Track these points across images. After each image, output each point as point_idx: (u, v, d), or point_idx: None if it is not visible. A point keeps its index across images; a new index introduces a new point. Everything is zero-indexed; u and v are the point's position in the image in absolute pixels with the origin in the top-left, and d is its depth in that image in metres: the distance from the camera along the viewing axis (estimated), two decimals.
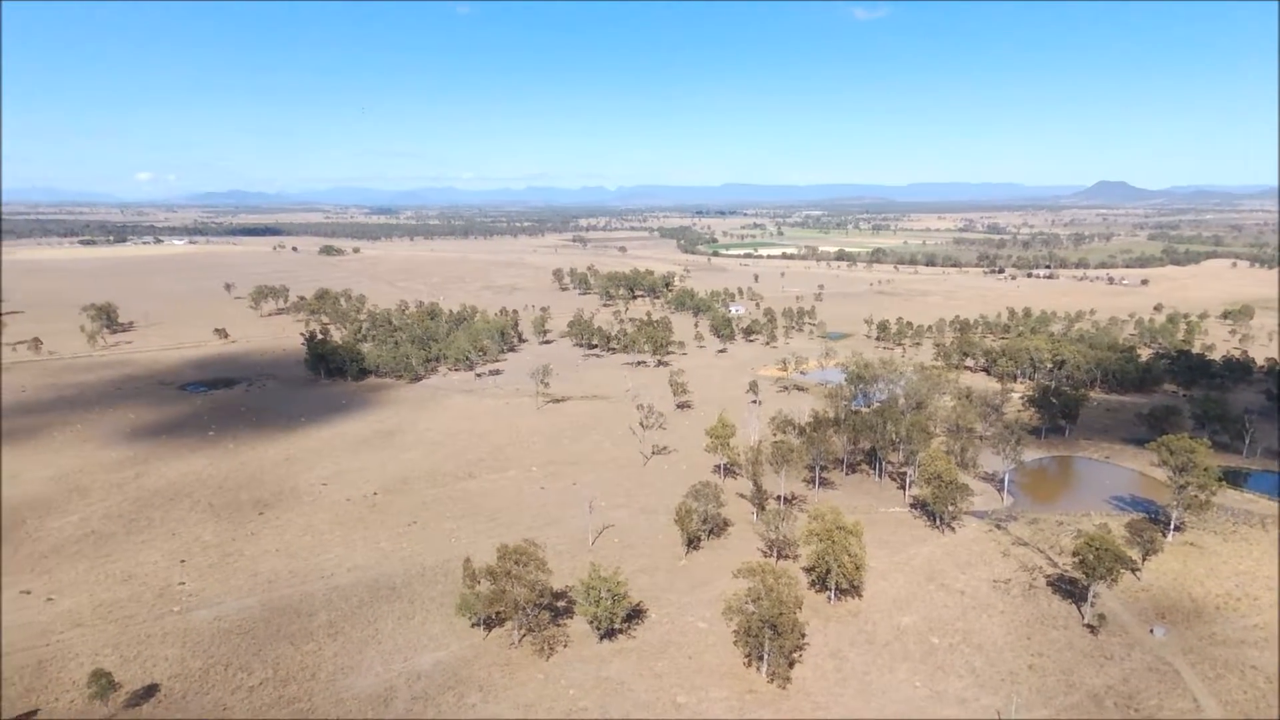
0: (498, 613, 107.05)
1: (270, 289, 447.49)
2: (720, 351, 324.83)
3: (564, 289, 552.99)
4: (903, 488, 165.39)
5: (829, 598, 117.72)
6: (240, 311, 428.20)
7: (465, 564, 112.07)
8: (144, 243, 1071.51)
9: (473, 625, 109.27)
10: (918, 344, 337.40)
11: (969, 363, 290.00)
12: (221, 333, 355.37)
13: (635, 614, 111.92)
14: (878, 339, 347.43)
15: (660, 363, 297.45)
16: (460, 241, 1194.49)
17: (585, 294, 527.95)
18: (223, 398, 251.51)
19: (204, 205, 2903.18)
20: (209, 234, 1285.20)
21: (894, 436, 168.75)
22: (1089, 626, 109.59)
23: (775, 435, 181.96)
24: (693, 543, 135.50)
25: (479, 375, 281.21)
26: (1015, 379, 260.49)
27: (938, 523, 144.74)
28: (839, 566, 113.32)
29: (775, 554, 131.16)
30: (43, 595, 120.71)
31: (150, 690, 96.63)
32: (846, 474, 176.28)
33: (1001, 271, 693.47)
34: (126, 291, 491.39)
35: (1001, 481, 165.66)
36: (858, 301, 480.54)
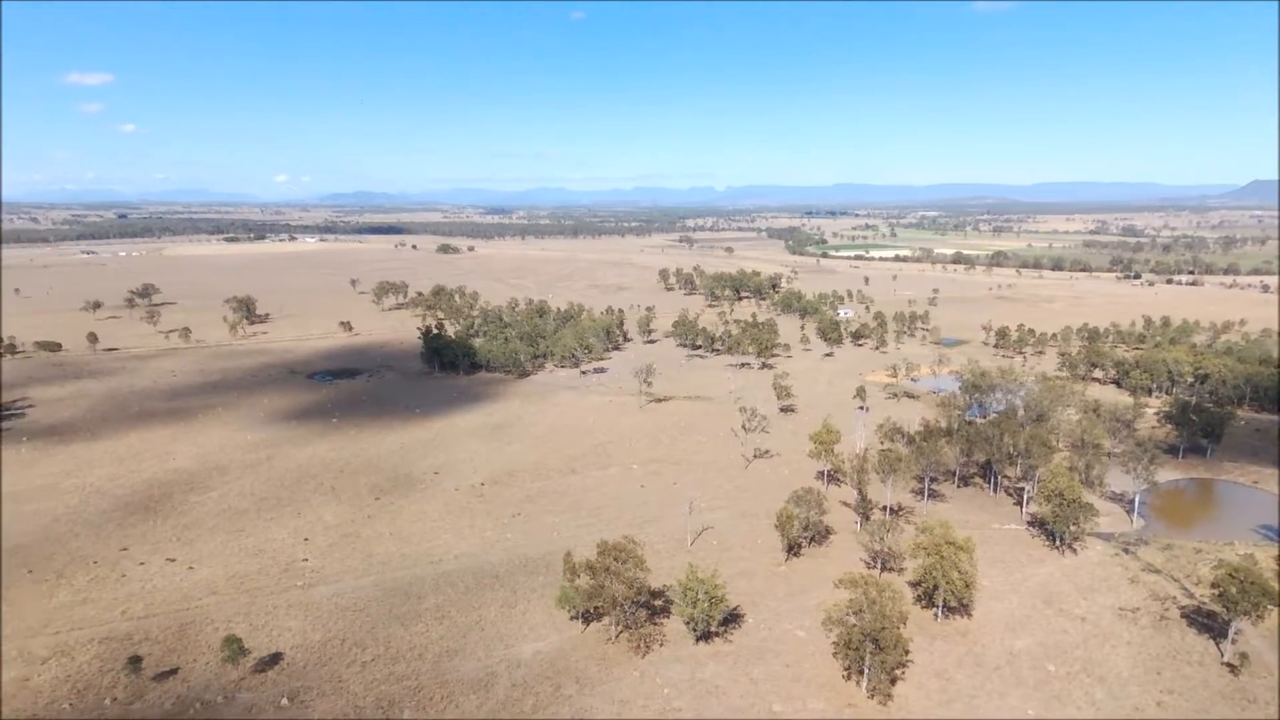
0: (596, 607, 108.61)
1: (391, 285, 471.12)
2: (827, 355, 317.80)
3: (669, 289, 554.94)
4: (1020, 504, 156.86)
5: (936, 615, 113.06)
6: (363, 306, 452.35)
7: (566, 558, 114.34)
8: (280, 240, 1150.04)
9: (571, 618, 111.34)
10: (1040, 353, 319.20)
11: (1098, 374, 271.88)
12: (346, 325, 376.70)
13: (732, 618, 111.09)
14: (996, 346, 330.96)
15: (764, 365, 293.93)
16: (569, 241, 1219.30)
17: (690, 294, 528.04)
18: (345, 387, 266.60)
19: (333, 205, 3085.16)
20: (337, 232, 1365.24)
21: (1011, 449, 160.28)
22: (1229, 665, 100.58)
23: (882, 443, 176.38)
24: (793, 549, 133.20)
25: (584, 373, 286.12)
26: (1150, 393, 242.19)
27: (1057, 543, 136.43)
28: (947, 583, 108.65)
29: (879, 566, 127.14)
30: (184, 564, 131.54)
31: (275, 658, 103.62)
32: (958, 487, 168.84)
33: (1137, 277, 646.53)
34: (264, 285, 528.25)
35: (1131, 503, 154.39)
36: (975, 307, 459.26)
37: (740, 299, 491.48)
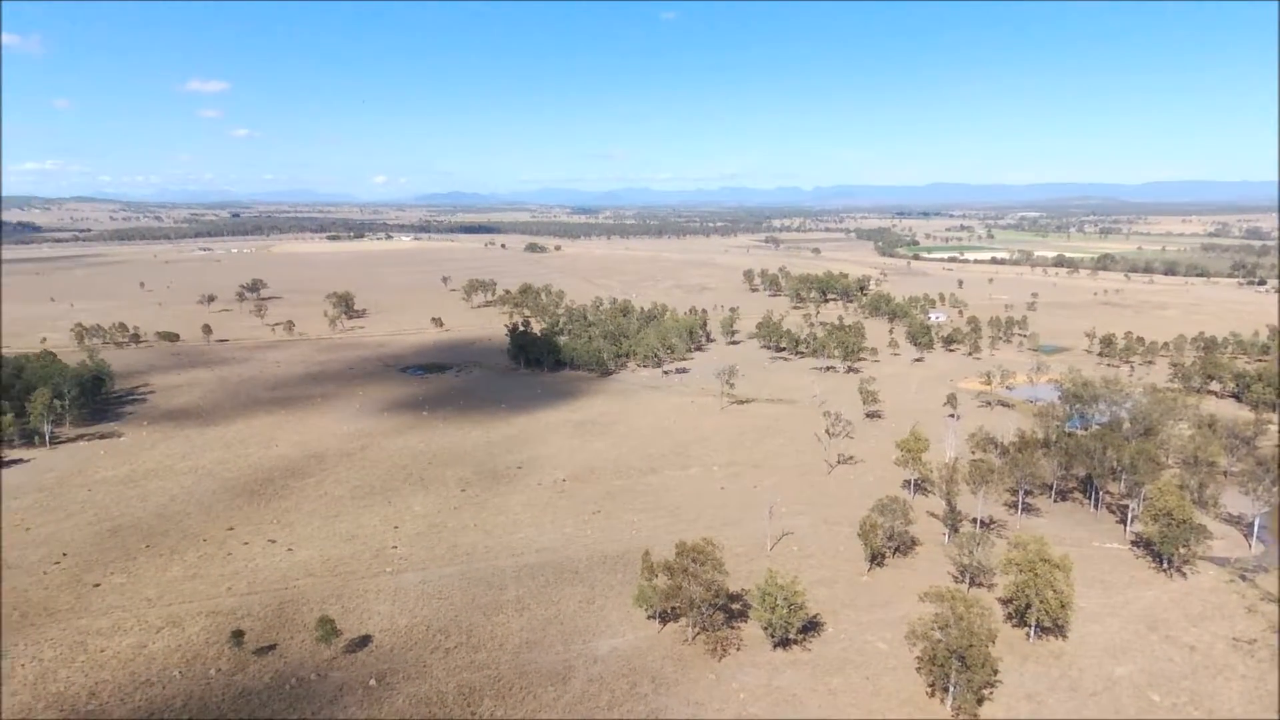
0: (673, 608, 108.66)
1: (480, 282, 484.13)
2: (916, 360, 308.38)
3: (754, 290, 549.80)
4: (1123, 522, 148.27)
5: (1028, 635, 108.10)
6: (454, 302, 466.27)
7: (644, 556, 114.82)
8: (377, 239, 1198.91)
9: (649, 617, 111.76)
10: (1149, 362, 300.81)
11: (1214, 387, 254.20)
12: (437, 321, 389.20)
13: (811, 626, 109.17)
14: (1100, 355, 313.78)
15: (850, 369, 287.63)
16: (654, 241, 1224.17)
17: (775, 296, 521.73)
18: (435, 381, 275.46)
19: (428, 205, 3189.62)
20: (431, 231, 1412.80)
21: (1115, 464, 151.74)
22: None
23: (974, 453, 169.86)
24: (876, 559, 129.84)
25: (666, 373, 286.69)
26: (1274, 409, 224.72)
27: (1165, 565, 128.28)
28: (1041, 602, 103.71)
29: (967, 581, 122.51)
30: (284, 545, 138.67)
31: (364, 640, 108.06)
32: (1055, 501, 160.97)
33: (1261, 283, 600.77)
34: (361, 282, 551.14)
35: (1250, 526, 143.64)
36: (1078, 312, 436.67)
37: (826, 301, 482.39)
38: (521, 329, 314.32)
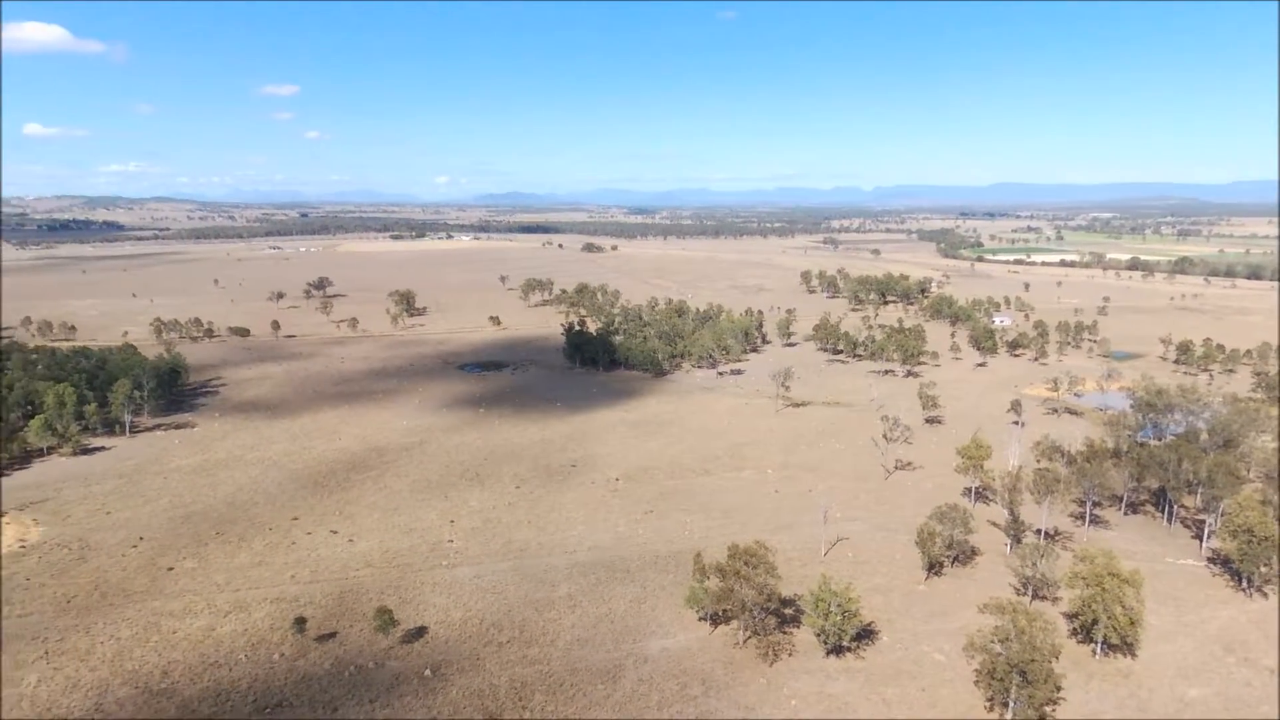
0: (725, 610, 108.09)
1: (537, 282, 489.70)
2: (979, 365, 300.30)
3: (811, 291, 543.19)
4: (1199, 538, 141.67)
5: (1094, 652, 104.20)
6: (511, 301, 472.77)
7: (696, 558, 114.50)
8: (438, 238, 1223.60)
9: (700, 619, 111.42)
10: (1230, 371, 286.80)
11: None
12: (495, 320, 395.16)
13: (865, 634, 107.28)
14: (1176, 362, 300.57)
15: (910, 373, 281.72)
16: (710, 241, 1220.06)
17: (833, 297, 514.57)
18: (493, 378, 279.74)
19: (487, 205, 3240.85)
20: (490, 231, 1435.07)
21: (1191, 477, 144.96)
22: None
23: (1039, 462, 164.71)
24: (934, 568, 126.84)
25: (721, 374, 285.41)
26: None
27: (1244, 584, 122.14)
28: (1109, 618, 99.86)
29: (1030, 593, 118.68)
30: (345, 536, 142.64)
31: (420, 631, 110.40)
32: (1125, 514, 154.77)
33: None
34: (422, 280, 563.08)
35: None
36: (1153, 318, 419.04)
37: (886, 303, 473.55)
38: (577, 328, 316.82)
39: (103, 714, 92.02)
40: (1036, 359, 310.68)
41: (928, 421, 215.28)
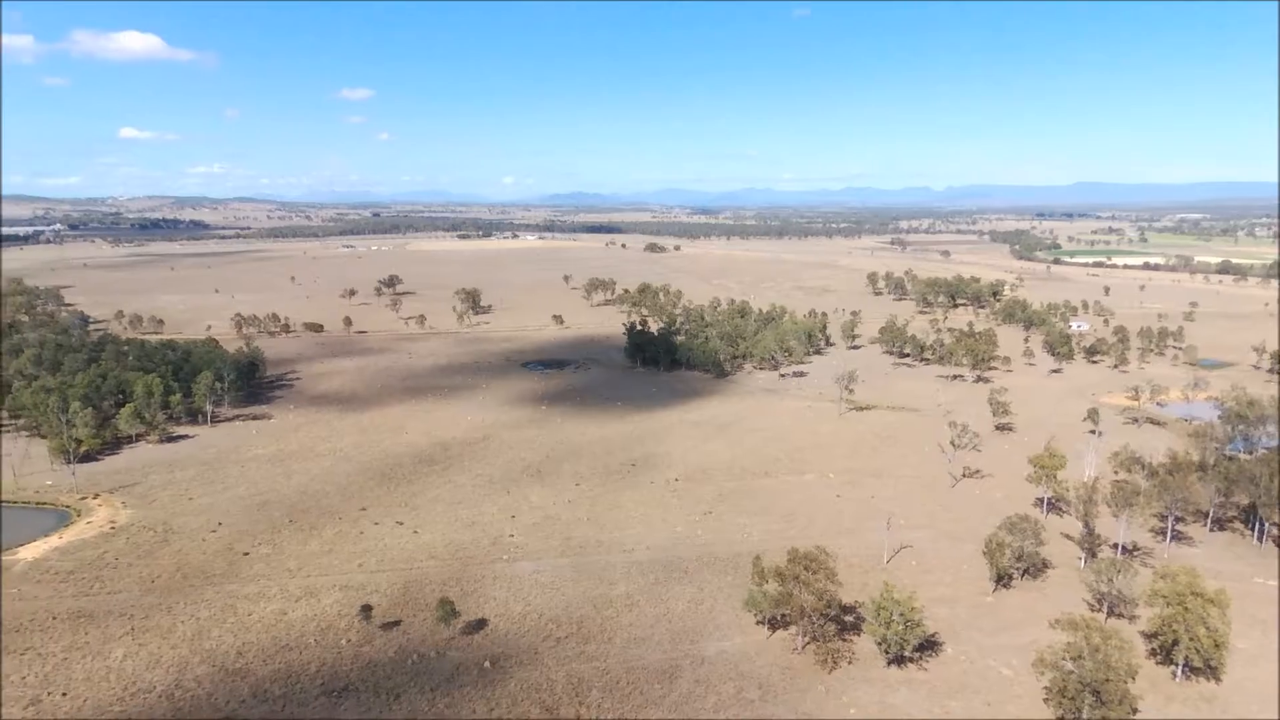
0: (783, 615, 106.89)
1: (600, 281, 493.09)
2: (1054, 372, 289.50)
3: (877, 293, 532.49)
4: None
5: (1174, 674, 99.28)
6: (574, 300, 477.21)
7: (755, 561, 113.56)
8: (504, 237, 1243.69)
9: (758, 622, 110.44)
10: None
11: None
12: (558, 319, 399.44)
13: (929, 645, 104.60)
14: (1271, 371, 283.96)
15: (980, 378, 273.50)
16: (774, 242, 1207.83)
17: (900, 300, 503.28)
18: (555, 377, 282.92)
19: (552, 205, 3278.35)
20: (555, 230, 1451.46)
21: None
22: None
23: (1117, 473, 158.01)
24: (1002, 580, 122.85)
25: (783, 375, 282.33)
26: None
27: None
28: (1191, 639, 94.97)
29: (1105, 610, 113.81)
30: (410, 528, 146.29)
31: (480, 623, 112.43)
32: (1211, 530, 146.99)
33: None
34: (488, 279, 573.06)
35: None
36: (1245, 324, 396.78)
37: (955, 306, 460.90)
38: (639, 328, 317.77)
39: (183, 691, 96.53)
40: (1116, 366, 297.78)
41: (998, 429, 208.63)
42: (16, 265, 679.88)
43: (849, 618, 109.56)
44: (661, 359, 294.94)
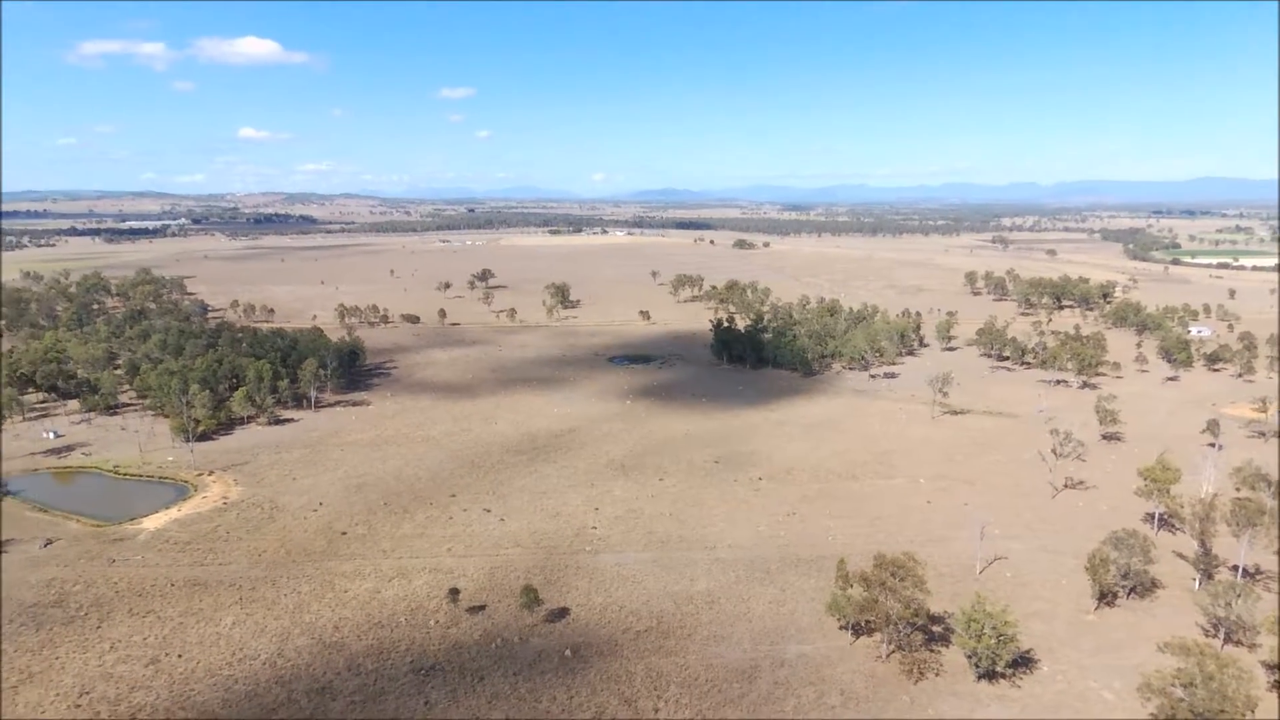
0: (868, 621, 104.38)
1: (687, 278, 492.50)
2: (1169, 380, 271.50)
3: (976, 293, 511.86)
4: None
5: None
6: (661, 296, 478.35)
7: (839, 565, 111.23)
8: (594, 233, 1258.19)
9: (841, 627, 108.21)
10: None
11: None
12: (644, 314, 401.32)
13: (1023, 661, 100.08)
14: None
15: (1086, 384, 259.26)
16: (868, 239, 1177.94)
17: (1000, 300, 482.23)
18: (640, 372, 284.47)
19: (642, 201, 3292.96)
20: (644, 226, 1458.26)
21: None
22: None
23: (1239, 490, 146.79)
24: (1105, 598, 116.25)
25: (873, 376, 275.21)
26: None
27: None
28: None
29: (1221, 636, 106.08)
30: (497, 515, 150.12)
31: (562, 612, 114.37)
32: None
33: None
34: (577, 274, 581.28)
35: None
36: None
37: (1061, 308, 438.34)
38: (726, 325, 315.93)
39: (284, 659, 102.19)
40: (1240, 375, 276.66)
41: (1104, 438, 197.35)
42: (146, 256, 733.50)
43: (937, 628, 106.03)
44: (748, 356, 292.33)
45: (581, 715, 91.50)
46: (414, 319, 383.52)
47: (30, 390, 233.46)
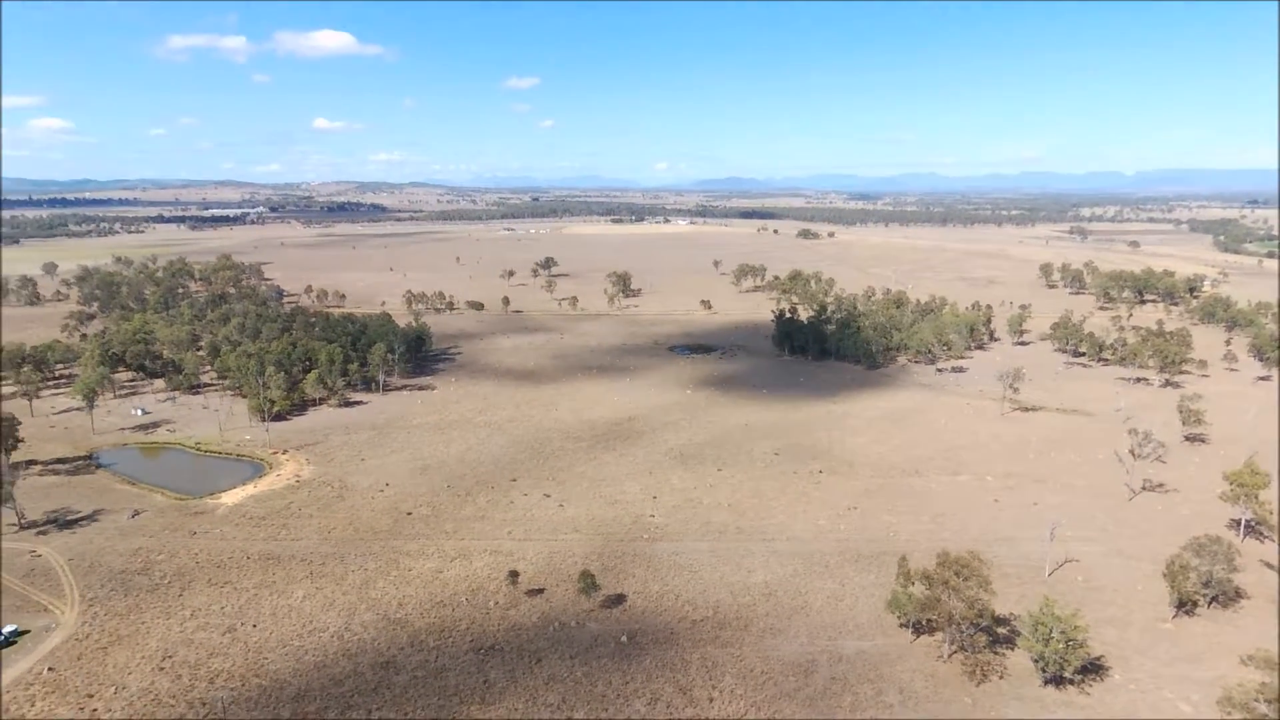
0: (929, 620, 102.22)
1: (750, 267, 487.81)
2: (1261, 379, 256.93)
3: (1051, 286, 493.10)
4: None
5: None
6: (723, 286, 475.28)
7: (901, 561, 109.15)
8: (656, 222, 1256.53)
9: (901, 625, 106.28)
10: None
11: None
12: (706, 304, 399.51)
13: (1093, 668, 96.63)
14: None
15: (1168, 383, 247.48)
16: (937, 229, 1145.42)
17: (1077, 294, 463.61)
18: (700, 362, 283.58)
19: (705, 190, 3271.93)
20: (707, 216, 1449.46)
21: None
22: None
23: None
24: (1184, 606, 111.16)
25: (940, 370, 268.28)
26: None
27: None
28: None
29: None
30: (556, 501, 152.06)
31: (619, 599, 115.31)
32: None
33: None
34: (638, 263, 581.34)
35: None
36: None
37: (1143, 302, 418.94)
38: (788, 315, 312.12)
39: (351, 633, 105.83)
40: None
41: (1187, 439, 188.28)
42: (227, 243, 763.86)
43: (1002, 630, 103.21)
44: (810, 348, 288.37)
45: (637, 700, 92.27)
46: (478, 306, 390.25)
47: (120, 369, 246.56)
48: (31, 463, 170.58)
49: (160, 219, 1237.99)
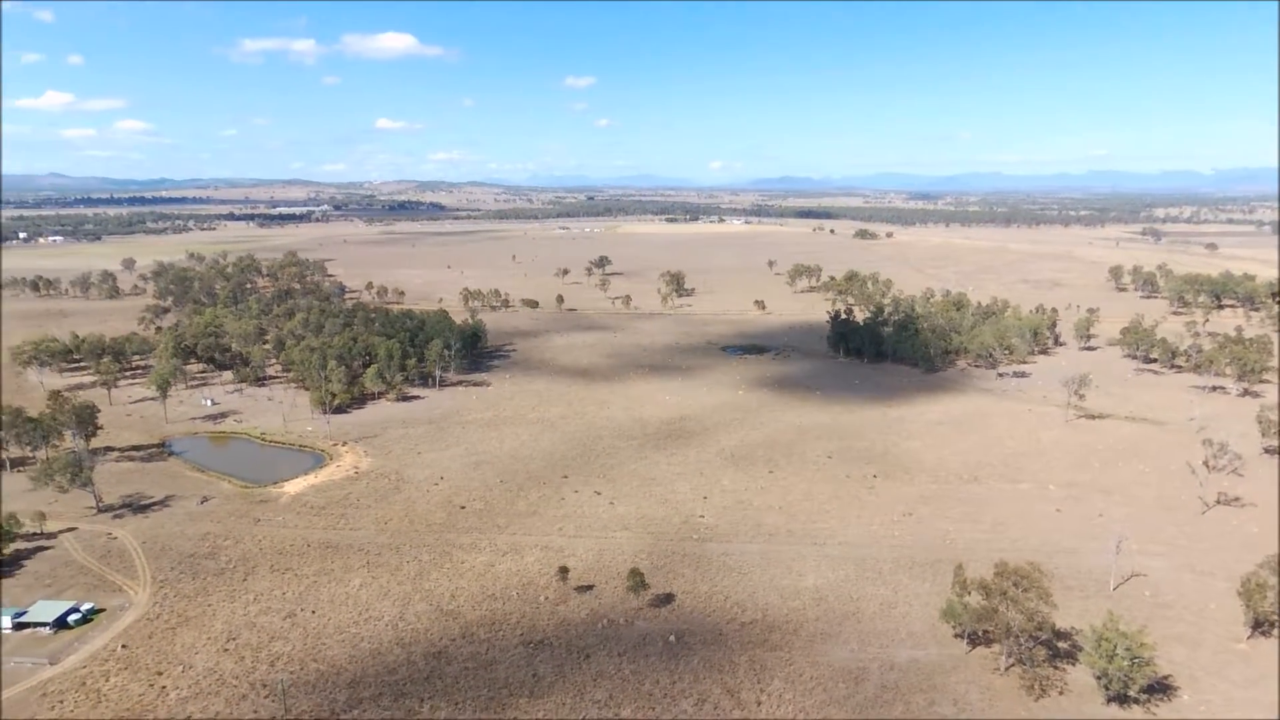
0: (985, 631, 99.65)
1: (805, 268, 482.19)
2: None
3: (1121, 289, 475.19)
4: None
5: None
6: (777, 286, 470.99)
7: (957, 570, 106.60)
8: (710, 222, 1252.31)
9: (956, 635, 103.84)
10: None
11: None
12: (760, 304, 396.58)
13: (1160, 687, 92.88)
14: None
15: (1247, 392, 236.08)
16: (1000, 230, 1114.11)
17: (1149, 297, 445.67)
18: (753, 363, 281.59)
19: (760, 189, 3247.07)
20: (762, 215, 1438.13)
21: None
22: None
23: None
24: (1260, 626, 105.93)
25: (1001, 375, 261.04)
26: None
27: None
28: None
29: None
30: (607, 499, 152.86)
31: (668, 598, 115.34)
32: None
33: None
34: (692, 262, 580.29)
35: None
36: None
37: (1221, 307, 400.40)
38: (844, 317, 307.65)
39: (405, 623, 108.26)
40: None
41: (1266, 451, 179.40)
42: (292, 240, 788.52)
43: (1063, 644, 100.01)
44: (866, 350, 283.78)
45: (684, 700, 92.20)
46: (533, 304, 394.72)
47: (192, 361, 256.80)
48: (109, 449, 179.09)
49: (231, 217, 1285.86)
